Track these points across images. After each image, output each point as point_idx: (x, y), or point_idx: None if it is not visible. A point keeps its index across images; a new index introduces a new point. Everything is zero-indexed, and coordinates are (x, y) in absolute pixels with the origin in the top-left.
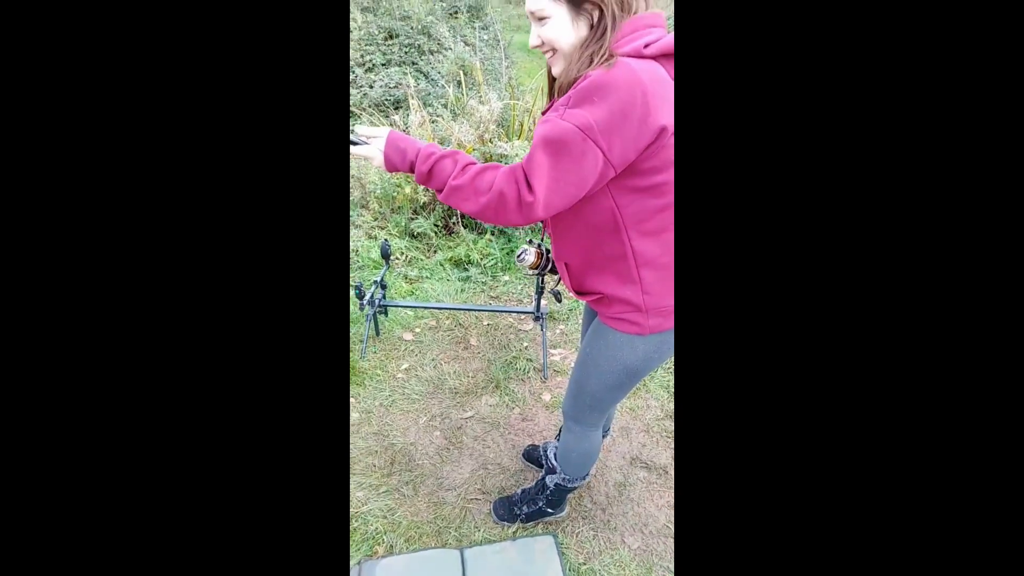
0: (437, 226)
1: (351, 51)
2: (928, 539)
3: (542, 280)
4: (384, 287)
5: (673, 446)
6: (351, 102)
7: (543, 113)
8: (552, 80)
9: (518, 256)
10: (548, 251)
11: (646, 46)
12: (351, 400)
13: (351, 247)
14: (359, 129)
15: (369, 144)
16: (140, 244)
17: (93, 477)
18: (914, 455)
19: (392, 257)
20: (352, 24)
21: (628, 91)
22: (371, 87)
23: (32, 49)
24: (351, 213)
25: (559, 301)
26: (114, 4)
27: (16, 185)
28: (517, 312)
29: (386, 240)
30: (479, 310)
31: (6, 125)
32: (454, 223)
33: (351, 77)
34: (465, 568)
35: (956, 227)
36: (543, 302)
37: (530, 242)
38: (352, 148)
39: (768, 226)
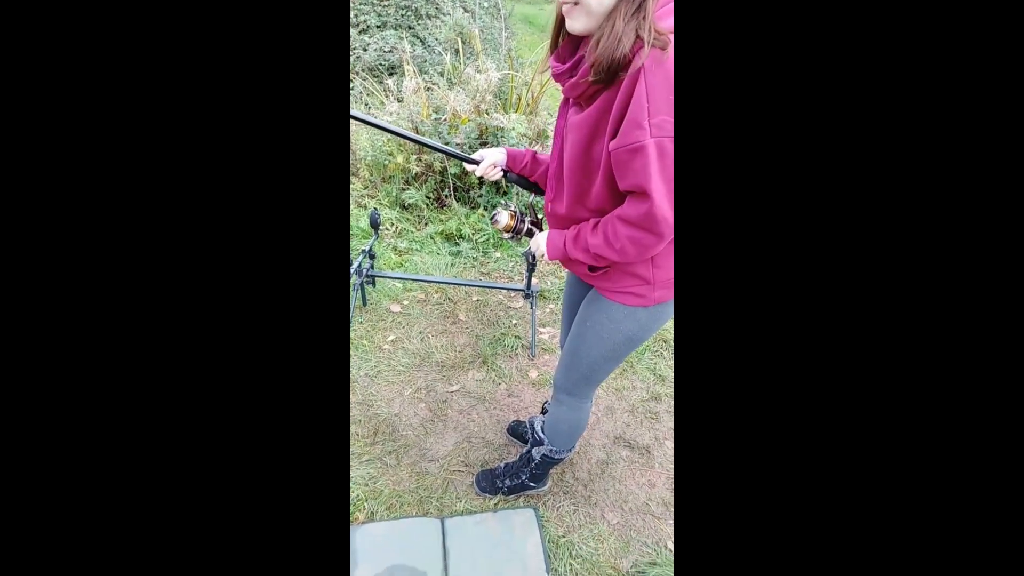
0: (429, 198)
1: None
2: (933, 528)
3: (533, 258)
4: (372, 257)
5: (655, 427)
6: None
7: (556, 76)
8: (559, 29)
9: (491, 217)
10: (523, 214)
11: None
12: None
13: None
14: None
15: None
16: (137, 220)
17: (92, 456)
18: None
19: (381, 227)
20: None
21: None
22: (365, 50)
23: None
24: None
25: (533, 263)
26: None
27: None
28: (507, 289)
29: (376, 209)
30: (469, 285)
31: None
32: (446, 196)
33: None
34: (445, 537)
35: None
36: (534, 280)
37: (504, 204)
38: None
39: (766, 215)
